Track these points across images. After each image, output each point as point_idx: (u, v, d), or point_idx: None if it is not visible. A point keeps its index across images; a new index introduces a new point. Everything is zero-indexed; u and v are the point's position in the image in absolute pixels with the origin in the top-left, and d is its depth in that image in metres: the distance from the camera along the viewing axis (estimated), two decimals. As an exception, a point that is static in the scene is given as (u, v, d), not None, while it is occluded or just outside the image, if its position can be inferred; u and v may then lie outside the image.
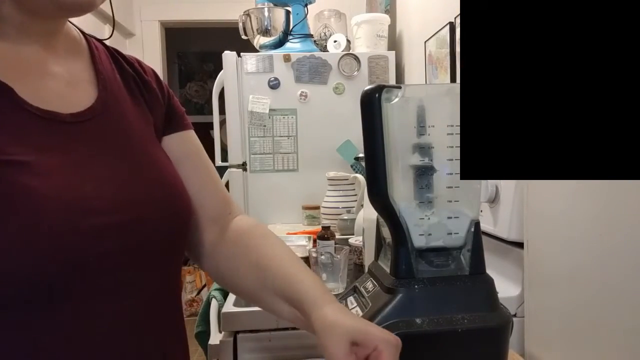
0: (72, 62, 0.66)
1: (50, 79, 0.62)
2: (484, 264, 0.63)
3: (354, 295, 0.69)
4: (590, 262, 0.76)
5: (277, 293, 0.65)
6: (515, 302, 1.06)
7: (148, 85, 0.74)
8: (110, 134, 0.64)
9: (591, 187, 0.75)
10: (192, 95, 5.18)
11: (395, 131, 0.60)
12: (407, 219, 0.61)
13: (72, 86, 0.64)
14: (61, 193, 0.54)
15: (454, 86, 0.64)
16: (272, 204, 2.38)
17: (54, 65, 0.63)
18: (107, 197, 0.59)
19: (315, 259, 1.19)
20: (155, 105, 0.74)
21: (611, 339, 0.72)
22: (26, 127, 0.56)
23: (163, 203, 0.65)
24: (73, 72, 0.65)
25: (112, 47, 0.75)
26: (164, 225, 0.65)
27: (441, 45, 1.89)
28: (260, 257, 0.70)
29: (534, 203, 0.94)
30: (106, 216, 0.57)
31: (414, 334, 0.57)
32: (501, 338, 0.60)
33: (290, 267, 0.67)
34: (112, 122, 0.65)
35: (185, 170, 0.74)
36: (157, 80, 0.77)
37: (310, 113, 2.36)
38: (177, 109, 0.78)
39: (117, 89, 0.69)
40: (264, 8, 2.32)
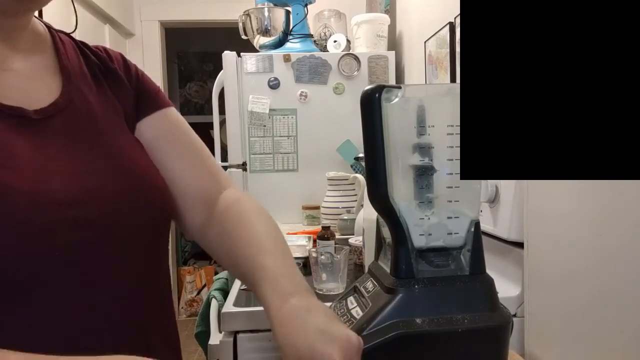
0: (34, 57, 0.66)
1: (13, 76, 0.62)
2: (484, 264, 0.63)
3: (354, 295, 0.68)
4: (590, 262, 0.76)
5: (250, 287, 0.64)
6: (515, 302, 1.06)
7: (114, 72, 0.72)
8: (77, 127, 0.63)
9: (591, 187, 0.75)
10: (192, 95, 5.18)
11: (395, 131, 0.60)
12: (407, 219, 0.61)
13: (34, 81, 0.64)
14: (29, 187, 0.54)
15: (454, 86, 0.64)
16: (272, 204, 2.38)
17: (16, 62, 0.63)
18: (76, 191, 0.58)
19: (315, 259, 1.19)
20: (123, 92, 0.72)
21: (611, 339, 0.72)
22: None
23: (134, 194, 0.64)
24: (35, 67, 0.65)
25: (79, 40, 0.74)
26: (137, 216, 0.63)
27: (441, 45, 1.89)
28: (231, 245, 0.69)
29: (534, 203, 0.94)
30: (75, 209, 0.57)
31: (414, 334, 0.57)
32: (501, 338, 0.60)
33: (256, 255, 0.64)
34: (77, 116, 0.64)
35: (162, 153, 0.72)
36: (125, 65, 0.75)
37: (310, 113, 2.36)
38: (149, 89, 0.76)
39: (82, 82, 0.68)
40: (264, 8, 2.32)
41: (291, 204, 2.35)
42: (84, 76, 0.69)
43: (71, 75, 0.67)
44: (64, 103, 0.64)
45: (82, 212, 0.58)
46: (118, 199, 0.62)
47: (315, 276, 1.20)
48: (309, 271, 1.26)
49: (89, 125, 0.65)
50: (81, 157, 0.61)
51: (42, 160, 0.58)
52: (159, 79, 3.52)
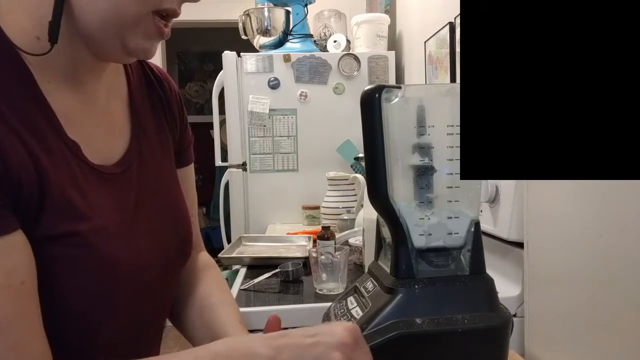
0: (112, 99, 0.67)
1: (97, 127, 0.64)
2: (484, 264, 0.63)
3: (354, 295, 0.68)
4: (590, 262, 0.76)
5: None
6: (515, 302, 1.06)
7: (172, 111, 0.76)
8: (145, 180, 0.67)
9: (591, 187, 0.75)
10: (192, 95, 5.18)
11: (395, 131, 0.60)
12: (407, 219, 0.61)
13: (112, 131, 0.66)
14: (125, 257, 0.60)
15: (454, 86, 0.64)
16: (272, 204, 2.38)
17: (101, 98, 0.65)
18: (153, 253, 0.65)
19: (315, 259, 1.19)
20: (174, 129, 0.76)
21: (611, 339, 0.72)
22: (90, 184, 0.59)
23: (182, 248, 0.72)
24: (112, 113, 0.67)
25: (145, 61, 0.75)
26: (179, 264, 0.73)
27: (441, 45, 1.89)
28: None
29: (534, 203, 0.94)
30: (150, 270, 0.65)
31: (414, 334, 0.57)
32: (501, 338, 0.60)
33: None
34: (145, 167, 0.68)
35: None
36: (180, 107, 0.78)
37: (310, 113, 2.36)
38: (189, 141, 0.81)
39: (146, 119, 0.71)
40: (264, 8, 2.32)
41: (291, 204, 2.35)
42: (147, 113, 0.72)
43: (140, 115, 0.70)
44: (135, 152, 0.67)
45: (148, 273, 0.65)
46: (171, 253, 0.69)
47: (315, 276, 1.20)
48: (309, 271, 1.27)
49: (153, 176, 0.69)
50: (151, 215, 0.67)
51: (127, 221, 0.62)
52: (159, 79, 3.51)
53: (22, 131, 0.52)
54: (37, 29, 0.55)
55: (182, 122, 0.78)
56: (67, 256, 0.54)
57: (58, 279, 0.54)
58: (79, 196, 0.56)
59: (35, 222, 0.52)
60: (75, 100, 0.61)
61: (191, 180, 0.83)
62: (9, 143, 0.50)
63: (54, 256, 0.53)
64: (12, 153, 0.50)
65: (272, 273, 1.32)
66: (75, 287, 0.55)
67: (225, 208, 2.44)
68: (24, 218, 0.51)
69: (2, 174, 0.49)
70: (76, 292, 0.55)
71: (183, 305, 0.77)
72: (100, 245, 0.56)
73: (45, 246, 0.52)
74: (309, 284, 1.27)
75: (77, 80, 0.61)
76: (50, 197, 0.53)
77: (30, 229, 0.52)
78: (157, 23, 0.58)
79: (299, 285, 1.29)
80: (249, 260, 1.52)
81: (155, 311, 0.70)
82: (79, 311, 0.56)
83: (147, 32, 0.58)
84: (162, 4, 0.58)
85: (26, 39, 0.55)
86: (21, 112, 0.53)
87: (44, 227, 0.53)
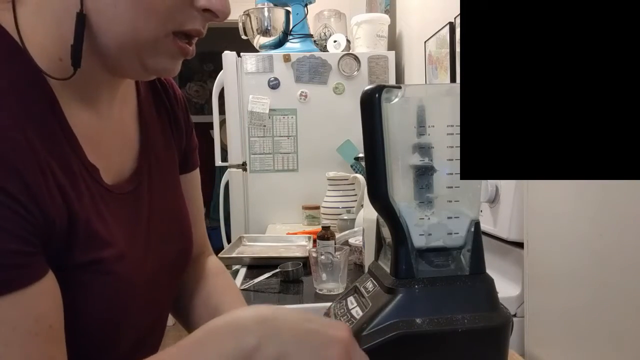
0: (124, 111, 0.66)
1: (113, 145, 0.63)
2: (484, 264, 0.63)
3: (354, 295, 0.68)
4: (590, 262, 0.76)
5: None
6: (515, 302, 1.06)
7: (177, 119, 0.75)
8: (154, 195, 0.67)
9: (591, 187, 0.75)
10: (192, 95, 5.18)
11: (395, 131, 0.60)
12: (407, 219, 0.61)
13: (124, 145, 0.65)
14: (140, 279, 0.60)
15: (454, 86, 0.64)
16: (272, 204, 2.38)
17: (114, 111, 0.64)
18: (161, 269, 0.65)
19: (315, 259, 1.19)
20: (179, 138, 0.76)
21: (611, 339, 0.72)
22: (108, 208, 0.58)
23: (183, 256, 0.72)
24: (125, 126, 0.66)
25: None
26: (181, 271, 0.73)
27: (441, 45, 1.89)
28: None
29: (534, 203, 0.94)
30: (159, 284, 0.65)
31: (414, 334, 0.57)
32: (501, 338, 0.60)
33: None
34: (153, 181, 0.67)
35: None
36: (185, 113, 0.78)
37: (310, 113, 2.36)
38: (194, 147, 0.80)
39: (155, 134, 0.70)
40: (264, 8, 2.32)
41: (291, 204, 2.35)
42: (154, 121, 0.71)
43: (148, 126, 0.69)
44: (146, 165, 0.66)
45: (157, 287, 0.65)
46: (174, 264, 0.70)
47: (315, 276, 1.20)
48: (309, 271, 1.27)
49: (162, 188, 0.69)
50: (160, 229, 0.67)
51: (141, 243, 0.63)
52: (159, 79, 3.51)
53: (51, 162, 0.51)
54: (58, 50, 0.54)
55: (187, 127, 0.77)
56: (88, 282, 0.54)
57: (79, 302, 0.53)
58: (100, 223, 0.55)
59: (64, 252, 0.52)
60: (92, 119, 0.59)
61: (197, 184, 0.82)
62: (41, 178, 0.49)
63: (76, 282, 0.53)
64: (43, 189, 0.49)
65: (272, 273, 1.32)
66: (94, 310, 0.55)
67: (225, 208, 2.44)
68: (53, 251, 0.50)
69: (34, 214, 0.47)
70: (94, 314, 0.55)
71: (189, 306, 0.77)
72: (120, 270, 0.57)
73: (69, 273, 0.52)
74: (309, 284, 1.27)
75: (94, 97, 0.60)
76: (76, 228, 0.52)
77: (61, 259, 0.51)
78: (180, 44, 0.57)
79: (299, 285, 1.29)
80: (249, 260, 1.52)
81: (160, 317, 0.71)
82: (95, 331, 0.56)
83: (168, 53, 0.57)
84: (184, 25, 0.56)
85: (48, 60, 0.53)
86: (49, 140, 0.52)
87: (71, 257, 0.52)
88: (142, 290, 0.61)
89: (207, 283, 0.78)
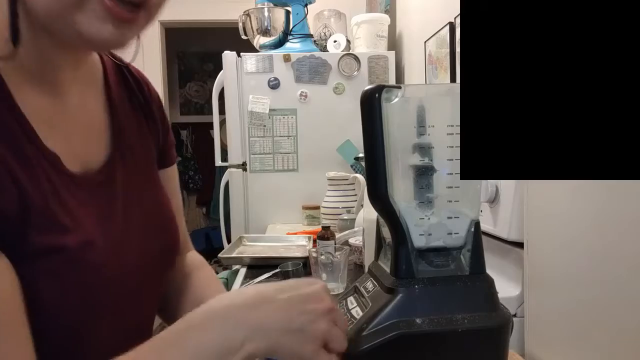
0: (87, 96, 0.65)
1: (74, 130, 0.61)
2: (484, 264, 0.63)
3: (354, 295, 0.68)
4: (590, 262, 0.76)
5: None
6: (515, 302, 1.05)
7: (153, 115, 0.75)
8: (130, 186, 0.66)
9: (591, 187, 0.75)
10: (192, 95, 5.18)
11: (395, 131, 0.60)
12: (407, 219, 0.61)
13: (89, 132, 0.64)
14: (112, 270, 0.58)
15: (454, 86, 0.64)
16: (272, 204, 2.38)
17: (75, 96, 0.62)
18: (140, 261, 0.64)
19: (315, 259, 1.19)
20: (155, 133, 0.75)
21: (611, 339, 0.72)
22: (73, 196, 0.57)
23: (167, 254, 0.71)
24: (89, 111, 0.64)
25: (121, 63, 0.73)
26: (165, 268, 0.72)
27: (441, 45, 1.89)
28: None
29: (534, 203, 0.94)
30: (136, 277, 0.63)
31: (414, 334, 0.57)
32: (501, 338, 0.60)
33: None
34: (129, 171, 0.66)
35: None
36: (160, 109, 0.77)
37: (310, 113, 2.36)
38: (171, 142, 0.80)
39: (127, 124, 0.69)
40: (264, 8, 2.32)
41: (291, 204, 2.35)
42: (127, 113, 0.70)
43: (120, 115, 0.68)
44: (118, 154, 0.65)
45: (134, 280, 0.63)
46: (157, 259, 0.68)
47: (315, 276, 1.20)
48: (309, 271, 1.26)
49: (138, 180, 0.68)
50: (138, 220, 0.65)
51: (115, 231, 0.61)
52: (158, 79, 3.52)
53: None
54: (3, 30, 0.52)
55: (163, 125, 0.76)
56: (53, 272, 0.52)
57: (44, 294, 0.52)
58: (60, 209, 0.54)
59: (19, 239, 0.50)
60: (48, 102, 0.58)
61: (175, 180, 0.81)
62: None
63: (40, 272, 0.51)
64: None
65: (272, 273, 1.32)
66: (62, 301, 0.53)
67: (225, 208, 2.44)
68: (6, 236, 0.49)
69: None
70: (63, 306, 0.53)
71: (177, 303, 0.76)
72: (87, 259, 0.55)
73: (31, 262, 0.51)
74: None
75: (50, 80, 0.58)
76: (31, 213, 0.51)
77: (15, 246, 0.50)
78: (106, 3, 0.51)
79: (299, 285, 1.29)
80: (249, 260, 1.52)
81: (142, 315, 0.69)
82: (66, 324, 0.55)
83: (94, 14, 0.52)
84: None
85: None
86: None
87: (28, 243, 0.51)
88: (119, 285, 0.59)
89: (192, 280, 0.78)
